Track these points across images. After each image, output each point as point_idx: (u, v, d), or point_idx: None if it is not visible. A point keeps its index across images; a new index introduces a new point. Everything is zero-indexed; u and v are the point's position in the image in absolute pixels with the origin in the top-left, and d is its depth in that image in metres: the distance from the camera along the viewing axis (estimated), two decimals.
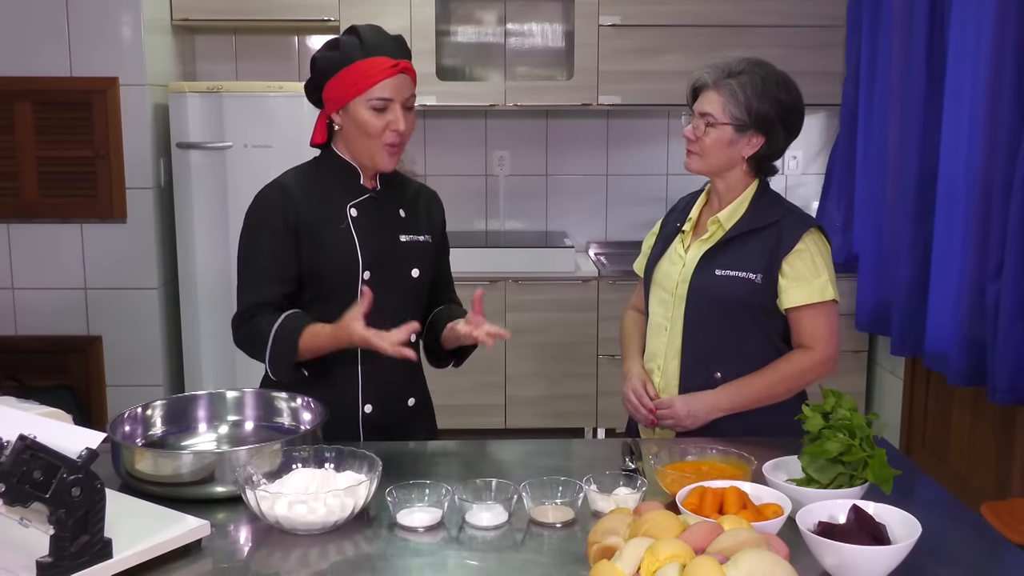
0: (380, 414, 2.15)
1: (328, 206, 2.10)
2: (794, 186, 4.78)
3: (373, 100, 2.02)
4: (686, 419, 2.16)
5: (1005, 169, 3.02)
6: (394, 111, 2.03)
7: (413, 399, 2.22)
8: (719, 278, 2.17)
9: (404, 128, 2.05)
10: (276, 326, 2.01)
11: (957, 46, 3.29)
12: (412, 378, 2.22)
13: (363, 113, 2.03)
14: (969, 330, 3.24)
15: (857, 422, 1.70)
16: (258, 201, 2.12)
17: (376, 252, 2.09)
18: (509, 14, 4.63)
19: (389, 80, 2.02)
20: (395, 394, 2.18)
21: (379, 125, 2.04)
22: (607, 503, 1.67)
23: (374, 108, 2.03)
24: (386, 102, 2.03)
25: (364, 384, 2.13)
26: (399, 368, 2.08)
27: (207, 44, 4.65)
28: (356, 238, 2.09)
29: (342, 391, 2.11)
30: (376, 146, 2.06)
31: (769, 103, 2.13)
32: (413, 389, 2.22)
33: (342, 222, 2.10)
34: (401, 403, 2.20)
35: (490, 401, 4.35)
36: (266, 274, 2.07)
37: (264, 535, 1.61)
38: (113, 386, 4.11)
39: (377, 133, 2.04)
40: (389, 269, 2.09)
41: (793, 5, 4.32)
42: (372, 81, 2.01)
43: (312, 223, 2.08)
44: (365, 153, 2.08)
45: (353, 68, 2.02)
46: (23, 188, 3.96)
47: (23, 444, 1.31)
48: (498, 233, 4.82)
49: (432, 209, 2.27)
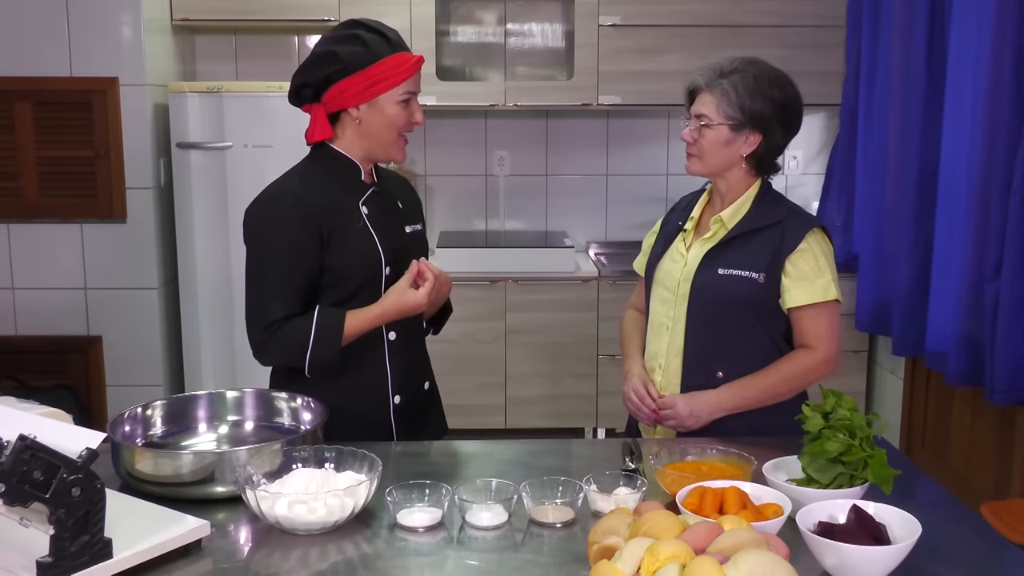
0: (407, 403, 2.22)
1: (341, 206, 2.11)
2: (794, 186, 4.78)
3: (406, 94, 2.09)
4: (688, 419, 2.16)
5: (1004, 169, 3.02)
6: (414, 104, 2.12)
7: (428, 382, 2.32)
8: (722, 277, 2.17)
9: (422, 120, 2.13)
10: (315, 323, 2.03)
11: (957, 46, 3.29)
12: (426, 364, 2.32)
13: (392, 107, 2.08)
14: (968, 330, 3.24)
15: (857, 422, 1.70)
16: (268, 210, 2.08)
17: (392, 246, 2.14)
18: (509, 14, 4.63)
19: (416, 75, 2.11)
20: (417, 381, 2.27)
21: (404, 117, 2.10)
22: (607, 503, 1.67)
23: (402, 101, 2.09)
24: (411, 95, 2.10)
25: (393, 376, 2.18)
26: (418, 357, 2.27)
27: (207, 44, 4.65)
28: (375, 235, 2.13)
29: (374, 385, 2.16)
30: (396, 139, 2.12)
31: (763, 100, 2.14)
32: (427, 374, 2.32)
33: (358, 221, 2.12)
34: (419, 388, 2.28)
35: (490, 401, 4.35)
36: (290, 286, 2.05)
37: (264, 535, 1.61)
38: (113, 386, 4.11)
39: (403, 126, 2.11)
40: (404, 262, 2.11)
41: (793, 5, 4.32)
42: (403, 76, 2.07)
43: (332, 226, 2.08)
44: (382, 146, 2.12)
45: (384, 63, 2.05)
46: (23, 188, 3.96)
47: (23, 444, 1.31)
48: (498, 233, 4.82)
49: (412, 196, 2.34)
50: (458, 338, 4.16)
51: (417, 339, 2.28)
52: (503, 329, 4.31)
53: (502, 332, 4.31)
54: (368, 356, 2.14)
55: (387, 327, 2.15)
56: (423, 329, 2.30)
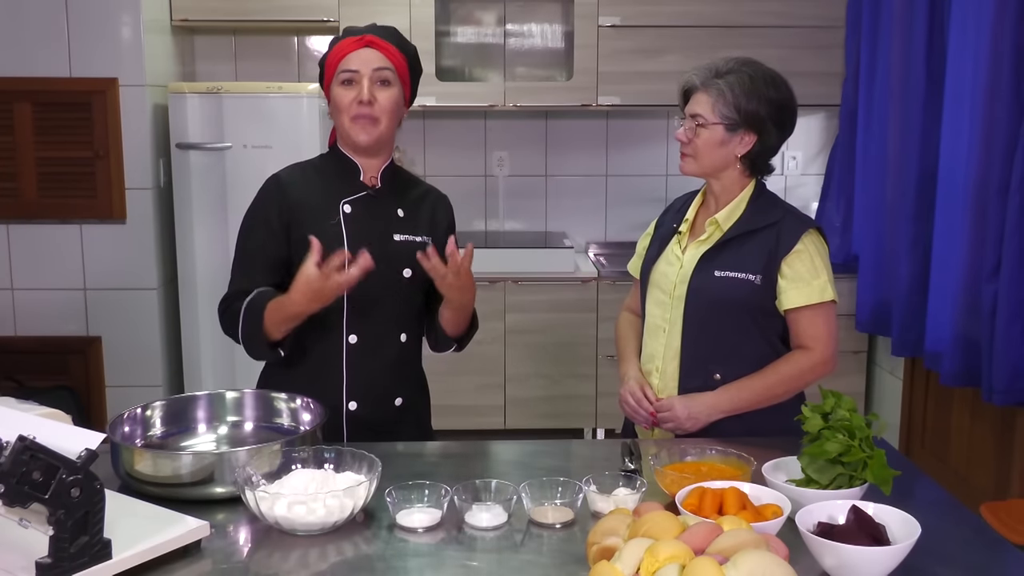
0: (366, 412, 2.16)
1: (322, 201, 2.14)
2: (793, 186, 4.78)
3: (342, 74, 2.09)
4: (686, 421, 2.16)
5: (1002, 170, 3.02)
6: (360, 83, 2.08)
7: (400, 399, 2.21)
8: (718, 279, 2.17)
9: (367, 97, 2.07)
10: (247, 301, 2.06)
11: (956, 47, 3.29)
12: (401, 378, 2.22)
13: (335, 90, 2.11)
14: (966, 330, 3.24)
15: (856, 423, 1.70)
16: (258, 193, 2.18)
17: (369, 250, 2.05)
18: (509, 15, 4.64)
19: (354, 53, 2.09)
20: (381, 393, 2.18)
21: (347, 99, 2.09)
22: (606, 504, 1.67)
23: (343, 82, 2.10)
24: (352, 74, 2.08)
25: (348, 381, 2.14)
26: (386, 367, 2.16)
27: (206, 45, 4.65)
28: (345, 234, 2.11)
29: (326, 388, 2.12)
30: (347, 120, 2.10)
31: (758, 101, 2.14)
32: (401, 389, 2.21)
33: (333, 218, 2.12)
34: (388, 402, 2.19)
35: (489, 402, 4.35)
36: (254, 263, 2.13)
37: (263, 536, 1.61)
38: (112, 387, 4.11)
39: (345, 107, 2.09)
40: (378, 267, 2.03)
41: (792, 6, 4.32)
42: (339, 56, 2.10)
43: (303, 217, 2.12)
44: (342, 131, 2.14)
45: (330, 53, 2.13)
46: (23, 188, 3.96)
47: (23, 445, 1.31)
48: (498, 233, 4.82)
49: (437, 211, 2.27)
50: None
51: (389, 349, 2.17)
52: (503, 329, 4.31)
53: (501, 332, 4.31)
54: (326, 357, 2.13)
55: (348, 329, 2.12)
56: (402, 342, 2.18)
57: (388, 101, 2.10)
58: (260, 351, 2.08)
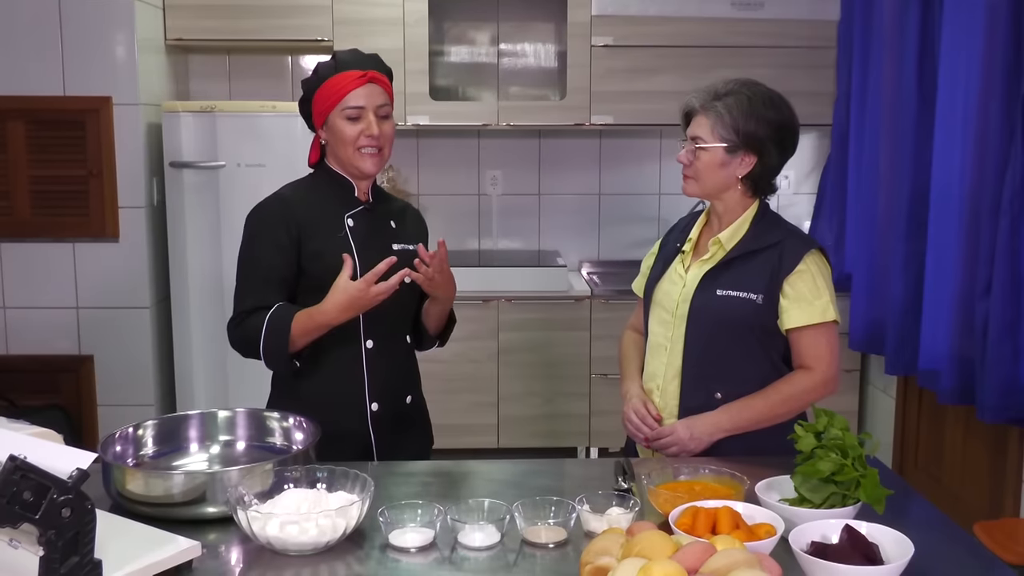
0: (386, 411, 2.27)
1: (326, 216, 2.22)
2: (786, 205, 4.80)
3: (347, 109, 2.17)
4: (690, 442, 2.15)
5: (994, 189, 3.04)
6: (367, 118, 2.18)
7: (410, 397, 2.35)
8: (720, 298, 2.18)
9: (377, 132, 2.18)
10: (269, 314, 2.10)
11: (947, 67, 3.31)
12: (408, 377, 2.37)
13: (339, 123, 2.18)
14: (960, 348, 3.25)
15: (849, 442, 1.70)
16: (258, 212, 2.22)
17: (372, 259, 2.14)
18: (502, 34, 4.66)
19: (359, 89, 2.17)
20: (396, 392, 2.30)
21: (354, 133, 2.18)
22: (600, 523, 1.67)
23: (348, 117, 2.17)
24: (358, 110, 2.17)
25: (370, 384, 2.23)
26: (398, 368, 2.31)
27: (201, 63, 4.67)
28: (353, 245, 2.19)
29: (350, 392, 2.22)
30: (354, 153, 2.19)
31: (757, 122, 2.15)
32: (410, 388, 2.36)
33: (340, 231, 2.21)
34: (401, 400, 2.32)
35: (483, 420, 4.34)
36: (265, 281, 2.17)
37: (255, 556, 1.60)
38: (104, 406, 4.09)
39: (352, 140, 2.18)
40: (385, 276, 2.11)
41: (785, 26, 4.35)
42: (343, 92, 2.16)
43: (312, 232, 2.19)
44: (348, 161, 2.22)
45: (327, 84, 2.18)
46: (15, 207, 3.95)
47: (13, 464, 1.30)
48: (491, 252, 4.82)
49: (418, 226, 2.41)
50: (450, 357, 4.15)
51: (399, 351, 2.32)
52: (496, 348, 4.31)
53: (495, 351, 4.31)
54: (346, 363, 2.22)
55: (365, 335, 2.22)
56: (407, 344, 2.35)
57: (390, 131, 2.24)
58: (280, 362, 2.13)
